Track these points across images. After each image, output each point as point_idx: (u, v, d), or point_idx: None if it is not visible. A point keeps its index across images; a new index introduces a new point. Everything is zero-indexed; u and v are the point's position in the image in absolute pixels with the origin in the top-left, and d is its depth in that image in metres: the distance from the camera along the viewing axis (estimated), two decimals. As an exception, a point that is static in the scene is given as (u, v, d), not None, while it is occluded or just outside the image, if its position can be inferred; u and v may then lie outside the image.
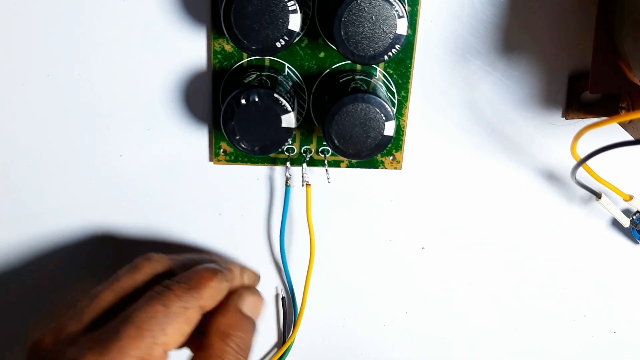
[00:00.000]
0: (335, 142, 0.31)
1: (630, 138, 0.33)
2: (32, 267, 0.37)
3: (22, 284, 0.37)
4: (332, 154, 0.35)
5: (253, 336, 0.32)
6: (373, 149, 0.31)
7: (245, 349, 0.31)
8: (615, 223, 0.38)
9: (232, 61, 0.33)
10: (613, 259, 0.39)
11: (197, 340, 0.30)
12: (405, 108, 0.34)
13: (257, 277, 0.35)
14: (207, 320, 0.31)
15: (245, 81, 0.31)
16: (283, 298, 0.38)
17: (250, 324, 0.32)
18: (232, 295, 0.32)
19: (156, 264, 0.32)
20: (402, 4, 0.29)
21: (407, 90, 0.33)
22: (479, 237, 0.38)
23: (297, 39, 0.32)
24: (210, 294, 0.30)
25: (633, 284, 0.40)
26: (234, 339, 0.30)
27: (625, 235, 0.38)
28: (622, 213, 0.36)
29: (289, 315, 0.38)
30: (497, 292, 0.39)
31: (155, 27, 0.32)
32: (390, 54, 0.29)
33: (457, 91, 0.34)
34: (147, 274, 0.31)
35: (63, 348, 0.28)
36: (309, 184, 0.34)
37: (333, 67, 0.33)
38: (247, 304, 0.32)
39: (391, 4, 0.28)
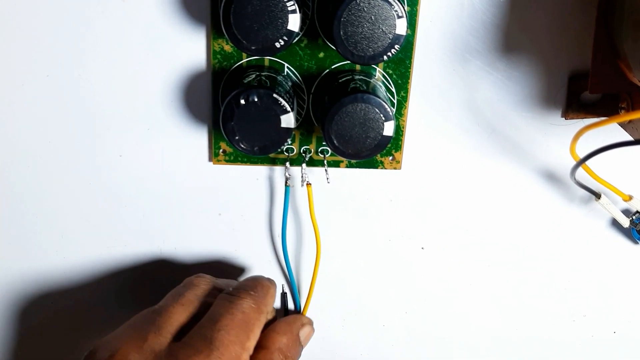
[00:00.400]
0: (335, 142, 0.31)
1: (629, 138, 0.33)
2: (32, 267, 0.37)
3: (21, 285, 0.37)
4: (331, 154, 0.35)
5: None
6: (372, 149, 0.31)
7: None
8: (615, 223, 0.38)
9: (232, 61, 0.33)
10: (613, 259, 0.39)
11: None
12: (405, 108, 0.34)
13: None
14: (269, 336, 0.32)
15: (245, 81, 0.31)
16: (284, 293, 0.38)
17: (301, 350, 0.34)
18: (296, 322, 0.34)
19: (209, 281, 0.34)
20: (401, 4, 0.29)
21: (406, 91, 0.33)
22: (478, 237, 0.38)
23: (297, 39, 0.32)
24: (271, 302, 0.33)
25: (633, 284, 0.39)
26: (290, 359, 0.32)
27: (625, 235, 0.38)
28: (621, 213, 0.36)
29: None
30: (496, 292, 0.39)
31: (154, 27, 0.32)
32: (389, 54, 0.29)
33: (457, 91, 0.34)
34: (205, 289, 0.33)
35: (157, 358, 0.29)
36: (310, 184, 0.34)
37: (332, 67, 0.33)
38: (304, 333, 0.35)
39: (390, 4, 0.28)
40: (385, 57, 0.29)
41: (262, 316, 0.31)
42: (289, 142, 0.34)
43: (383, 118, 0.30)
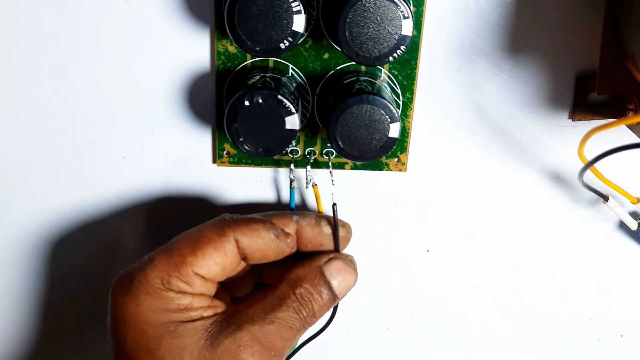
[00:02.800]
0: (340, 143, 0.31)
1: (638, 140, 0.32)
2: (35, 269, 0.37)
3: (25, 286, 0.37)
4: (336, 156, 0.34)
5: (325, 304, 0.31)
6: (378, 151, 0.31)
7: (311, 308, 0.30)
8: (623, 226, 0.37)
9: (236, 62, 0.32)
10: (620, 262, 0.38)
11: None
12: (410, 109, 0.34)
13: (348, 234, 0.33)
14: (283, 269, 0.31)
15: (249, 82, 0.31)
16: (334, 204, 0.33)
17: (326, 288, 0.31)
18: (320, 255, 0.31)
19: None
20: (407, 4, 0.28)
21: (412, 92, 0.33)
22: (484, 239, 0.37)
23: (302, 40, 0.32)
24: (252, 235, 0.30)
25: (640, 286, 0.39)
26: (301, 290, 0.30)
27: (633, 238, 0.38)
28: (629, 216, 0.36)
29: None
30: (502, 294, 0.39)
31: (158, 28, 0.32)
32: (395, 55, 0.29)
33: (463, 92, 0.34)
34: None
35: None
36: (316, 184, 0.34)
37: (337, 68, 0.33)
38: (331, 269, 0.31)
39: (396, 5, 0.28)
40: (390, 58, 0.29)
41: (225, 240, 0.30)
42: (294, 143, 0.34)
43: (388, 119, 0.30)
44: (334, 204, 0.33)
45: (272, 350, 0.29)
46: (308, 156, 0.34)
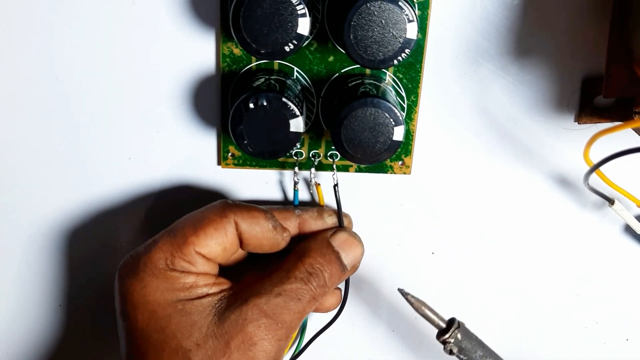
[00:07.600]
0: (344, 146, 0.31)
1: (644, 144, 0.32)
2: (41, 269, 0.37)
3: (30, 286, 0.37)
4: (340, 159, 0.34)
5: (336, 274, 0.32)
6: (382, 154, 0.31)
7: (321, 277, 0.31)
8: (628, 229, 0.37)
9: (241, 65, 0.32)
10: (626, 265, 0.38)
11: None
12: (415, 113, 0.33)
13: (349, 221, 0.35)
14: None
15: (254, 85, 0.31)
16: (335, 185, 0.34)
17: (334, 258, 0.32)
18: (325, 230, 0.33)
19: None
20: (412, 7, 0.28)
21: (416, 95, 0.33)
22: (489, 242, 0.37)
23: (306, 42, 0.32)
24: (251, 221, 0.31)
25: (646, 290, 0.39)
26: (310, 260, 0.31)
27: (638, 241, 0.38)
28: (635, 219, 0.36)
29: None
30: (507, 298, 0.39)
31: (164, 30, 0.32)
32: (400, 58, 0.29)
33: (468, 95, 0.34)
34: None
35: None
36: (319, 184, 0.34)
37: (342, 71, 0.33)
38: (338, 240, 0.32)
39: (401, 8, 0.28)
40: (395, 61, 0.29)
41: (225, 222, 0.31)
42: (298, 146, 0.34)
43: (393, 123, 0.30)
44: (335, 185, 0.33)
45: (279, 322, 0.30)
46: (312, 158, 0.34)
